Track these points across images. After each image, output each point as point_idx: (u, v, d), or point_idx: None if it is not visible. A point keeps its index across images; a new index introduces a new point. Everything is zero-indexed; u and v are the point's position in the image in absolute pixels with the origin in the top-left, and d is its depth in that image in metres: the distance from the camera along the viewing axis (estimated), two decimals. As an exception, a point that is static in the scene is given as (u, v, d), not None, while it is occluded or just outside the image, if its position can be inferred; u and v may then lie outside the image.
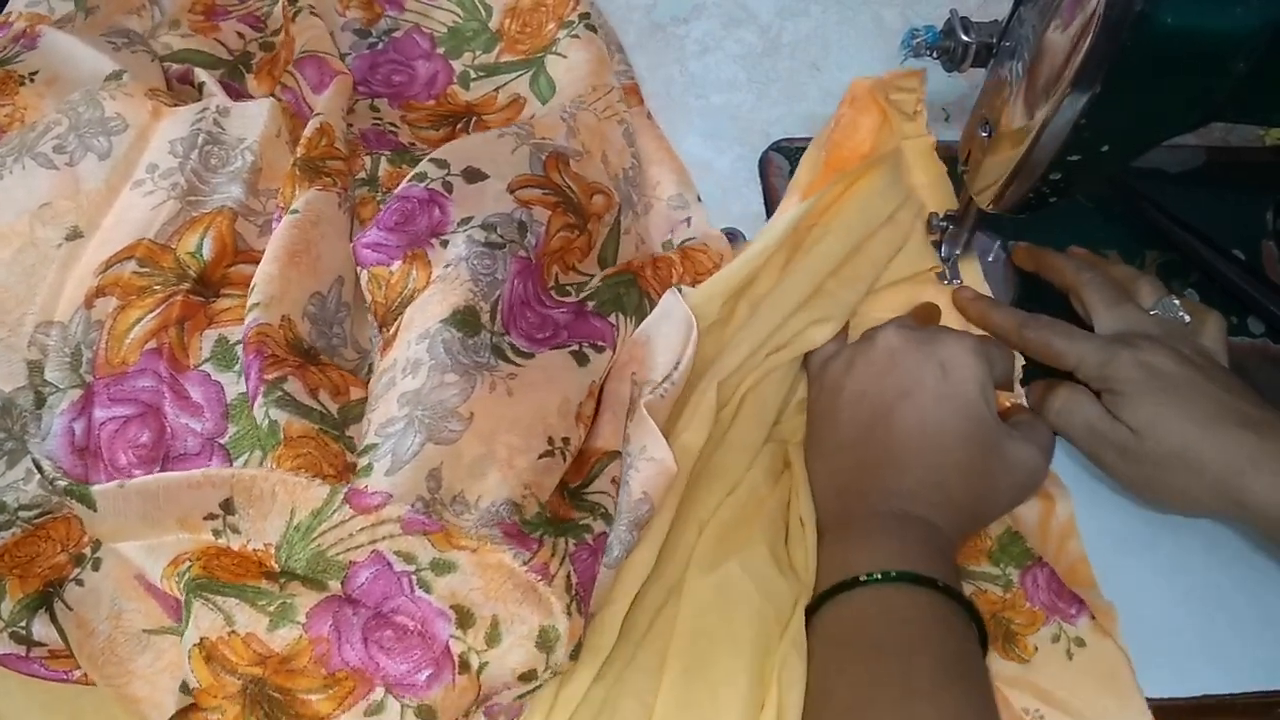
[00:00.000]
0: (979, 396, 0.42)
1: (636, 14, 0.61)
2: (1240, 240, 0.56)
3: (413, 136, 0.53)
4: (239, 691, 0.34)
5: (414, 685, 0.34)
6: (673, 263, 0.50)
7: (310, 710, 0.34)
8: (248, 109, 0.47)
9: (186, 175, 0.44)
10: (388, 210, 0.43)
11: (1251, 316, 0.54)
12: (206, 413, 0.40)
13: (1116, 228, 0.56)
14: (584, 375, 0.42)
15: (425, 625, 0.35)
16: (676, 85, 0.59)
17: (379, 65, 0.56)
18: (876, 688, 0.35)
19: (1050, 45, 0.37)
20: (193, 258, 0.43)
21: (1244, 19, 0.34)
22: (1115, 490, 0.47)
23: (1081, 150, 0.39)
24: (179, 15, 0.53)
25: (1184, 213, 0.55)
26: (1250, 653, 0.45)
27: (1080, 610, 0.43)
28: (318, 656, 0.34)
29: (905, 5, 0.63)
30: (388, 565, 0.36)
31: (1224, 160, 0.59)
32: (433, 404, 0.38)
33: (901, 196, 0.52)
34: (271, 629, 0.35)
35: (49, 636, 0.37)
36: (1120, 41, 0.34)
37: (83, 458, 0.39)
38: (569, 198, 0.47)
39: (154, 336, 0.41)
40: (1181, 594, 0.46)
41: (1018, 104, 0.40)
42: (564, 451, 0.40)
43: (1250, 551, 0.47)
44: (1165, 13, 0.34)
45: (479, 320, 0.41)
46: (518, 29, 0.56)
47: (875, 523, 0.41)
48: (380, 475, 0.36)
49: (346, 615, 0.35)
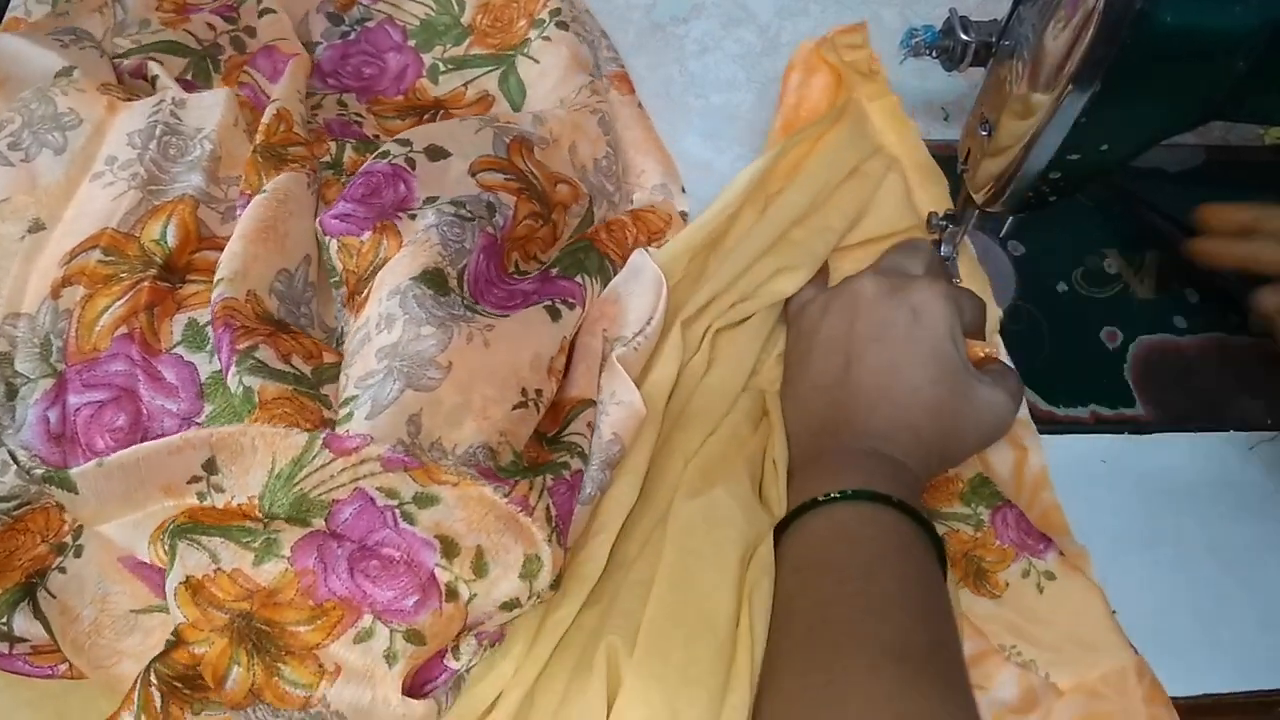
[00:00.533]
0: (948, 340, 0.43)
1: (636, 14, 0.61)
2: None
3: (378, 128, 0.53)
4: (226, 625, 0.34)
5: (402, 611, 0.35)
6: (625, 224, 0.50)
7: (299, 641, 0.34)
8: (203, 99, 0.47)
9: (146, 165, 0.44)
10: (353, 184, 0.44)
11: (1251, 316, 0.54)
12: (181, 393, 0.40)
13: (1116, 228, 0.56)
14: (556, 330, 0.43)
15: (410, 554, 0.36)
16: (676, 85, 0.59)
17: (350, 56, 0.56)
18: (836, 607, 0.36)
19: (1050, 44, 0.37)
20: (157, 245, 0.43)
21: (1243, 17, 0.34)
22: (1115, 490, 0.47)
23: (1081, 149, 0.39)
24: (147, 14, 0.53)
25: (1184, 212, 0.55)
26: (1250, 653, 0.45)
27: (1048, 547, 0.44)
28: (304, 588, 0.34)
29: (904, 5, 0.63)
30: (370, 501, 0.36)
31: (1224, 160, 0.59)
32: (411, 354, 0.38)
33: (867, 149, 0.53)
34: (257, 564, 0.35)
35: (31, 632, 0.37)
36: (1120, 40, 0.34)
37: (60, 444, 0.39)
38: (532, 184, 0.47)
39: (124, 323, 0.41)
40: (1181, 594, 0.46)
41: (1017, 103, 0.40)
42: (536, 403, 0.41)
43: (1251, 551, 0.47)
44: (1165, 11, 0.34)
45: (447, 283, 0.41)
46: (489, 23, 0.56)
47: (844, 458, 0.42)
48: (360, 419, 0.37)
49: (331, 548, 0.35)
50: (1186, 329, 0.53)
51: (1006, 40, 0.42)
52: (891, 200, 0.52)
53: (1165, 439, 0.50)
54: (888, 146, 0.54)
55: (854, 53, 0.55)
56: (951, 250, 0.52)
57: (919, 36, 0.47)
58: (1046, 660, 0.42)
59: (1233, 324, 0.54)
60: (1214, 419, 0.51)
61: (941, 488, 0.46)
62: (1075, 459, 0.48)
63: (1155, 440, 0.50)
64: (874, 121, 0.55)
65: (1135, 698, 0.41)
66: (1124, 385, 0.51)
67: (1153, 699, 0.41)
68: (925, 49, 0.46)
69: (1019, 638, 0.42)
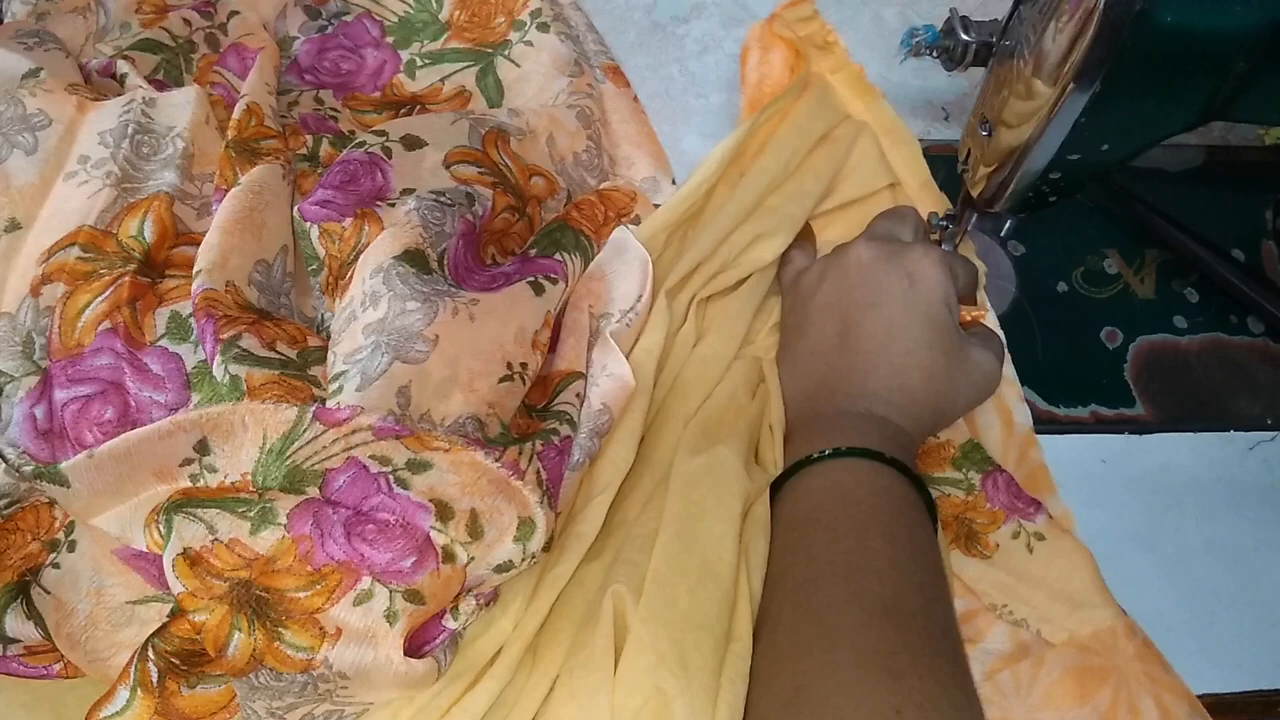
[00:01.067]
0: (943, 305, 0.44)
1: (637, 13, 0.61)
2: (1240, 240, 0.56)
3: (354, 122, 0.54)
4: (226, 593, 0.34)
5: (400, 572, 0.35)
6: (593, 202, 0.51)
7: (299, 606, 0.34)
8: (173, 98, 0.47)
9: (119, 164, 0.45)
10: (330, 172, 0.44)
11: (1251, 316, 0.54)
12: (168, 384, 0.41)
13: (1116, 228, 0.56)
14: (540, 304, 0.43)
15: (405, 517, 0.36)
16: (676, 84, 0.59)
17: (327, 50, 0.56)
18: (829, 564, 0.37)
19: (1050, 44, 0.37)
20: (135, 241, 0.43)
21: (1243, 18, 0.34)
22: (1115, 490, 0.47)
23: (1081, 149, 0.39)
24: (128, 17, 0.53)
25: (1184, 212, 0.55)
26: (1250, 653, 0.45)
27: (1038, 510, 0.45)
28: (302, 554, 0.35)
29: (905, 5, 0.63)
30: (363, 468, 0.36)
31: (1224, 160, 0.59)
32: (397, 329, 0.39)
33: (835, 116, 0.54)
34: (254, 533, 0.35)
35: (24, 632, 0.37)
36: (1120, 40, 0.34)
37: (48, 441, 0.39)
38: (506, 177, 0.48)
39: (107, 318, 0.41)
40: (1181, 594, 0.46)
41: (1018, 103, 0.40)
42: (522, 376, 0.41)
43: (1250, 551, 0.47)
44: (1165, 11, 0.34)
45: (428, 263, 0.42)
46: (466, 18, 0.56)
47: (838, 420, 0.43)
48: (350, 392, 0.37)
49: (327, 514, 0.35)
50: (1186, 329, 0.53)
51: (1007, 40, 0.42)
52: (867, 162, 0.53)
53: (1165, 439, 0.50)
54: (856, 114, 0.55)
55: (806, 26, 0.56)
56: (952, 250, 0.52)
57: (919, 36, 0.47)
58: (1037, 618, 0.43)
59: (1233, 324, 0.54)
60: (1214, 419, 0.51)
61: (934, 453, 0.47)
62: (1075, 459, 0.48)
63: (1155, 440, 0.50)
64: (839, 92, 0.55)
65: (1127, 654, 0.41)
66: (1124, 385, 0.51)
67: (1145, 657, 0.41)
68: (926, 49, 0.47)
69: (1010, 597, 0.43)
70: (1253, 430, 0.51)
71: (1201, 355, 0.53)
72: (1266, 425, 0.51)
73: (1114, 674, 0.41)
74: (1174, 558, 0.47)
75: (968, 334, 0.46)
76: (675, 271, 0.48)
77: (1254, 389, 0.52)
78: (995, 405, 0.49)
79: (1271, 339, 0.53)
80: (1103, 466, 0.49)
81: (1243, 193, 0.58)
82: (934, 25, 0.46)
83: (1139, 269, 0.55)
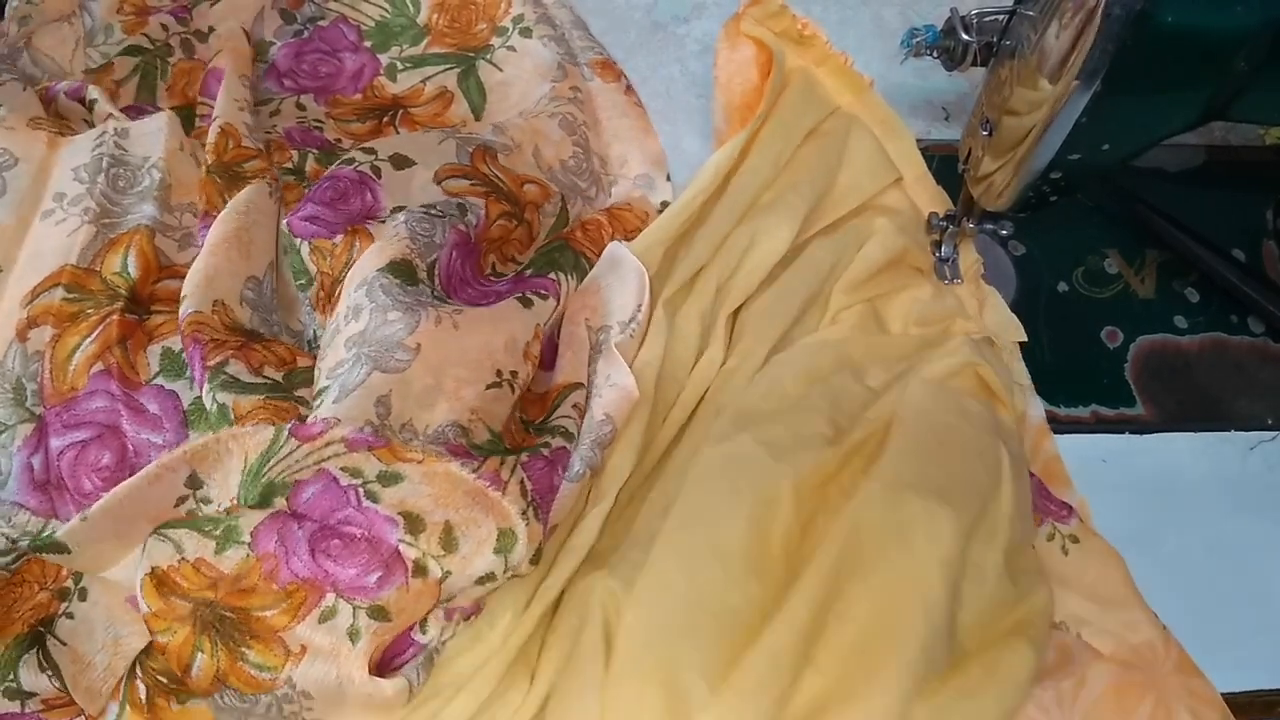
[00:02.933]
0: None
1: (637, 13, 0.61)
2: (1240, 239, 0.56)
3: (338, 131, 0.53)
4: (189, 614, 0.34)
5: (364, 588, 0.35)
6: (601, 224, 0.51)
7: (265, 625, 0.34)
8: (145, 126, 0.47)
9: (97, 199, 0.44)
10: (319, 187, 0.44)
11: (1251, 316, 0.54)
12: (165, 423, 0.40)
13: (1116, 228, 0.56)
14: (530, 316, 0.43)
15: (372, 531, 0.36)
16: (677, 84, 0.59)
17: (305, 53, 0.55)
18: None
19: (1051, 44, 0.37)
20: (120, 277, 0.43)
21: (1244, 18, 0.34)
22: (1115, 490, 0.47)
23: (1082, 149, 0.39)
24: (111, 19, 0.53)
25: (1184, 212, 0.55)
26: (1250, 653, 0.45)
27: (1071, 514, 0.45)
28: (267, 573, 0.34)
29: (905, 5, 0.63)
30: (334, 480, 0.36)
31: (1224, 160, 0.59)
32: (378, 340, 0.39)
33: (823, 108, 0.53)
34: (219, 551, 0.35)
35: (39, 685, 0.37)
36: (1121, 40, 0.34)
37: (45, 492, 0.39)
38: (498, 187, 0.48)
39: (98, 359, 0.40)
40: (1182, 594, 0.46)
41: (1018, 103, 0.40)
42: (511, 384, 0.41)
43: (1251, 551, 0.47)
44: (1166, 11, 0.34)
45: (415, 274, 0.42)
46: (446, 23, 0.56)
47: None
48: (328, 404, 0.37)
49: (291, 529, 0.35)
50: (1187, 329, 0.53)
51: (1007, 40, 0.42)
52: (863, 155, 0.53)
53: (1165, 439, 0.50)
54: (845, 106, 0.55)
55: (778, 21, 0.55)
56: (952, 250, 0.52)
57: (920, 36, 0.47)
58: (1076, 620, 0.43)
59: (1233, 324, 0.54)
60: (1214, 419, 0.51)
61: None
62: (1075, 459, 0.48)
63: (1155, 440, 0.50)
64: (827, 84, 0.55)
65: (1165, 668, 0.42)
66: (1124, 385, 0.51)
67: (1183, 668, 0.42)
68: (926, 49, 0.46)
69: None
70: (1253, 430, 0.51)
71: (1202, 355, 0.53)
72: (1267, 425, 0.51)
73: (1153, 689, 0.41)
74: (1174, 558, 0.47)
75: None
76: (673, 280, 0.47)
77: (1254, 389, 0.52)
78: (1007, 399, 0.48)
79: (1272, 339, 0.53)
80: (1103, 466, 0.49)
81: (1243, 193, 0.58)
82: (934, 25, 0.46)
83: (1139, 269, 0.55)
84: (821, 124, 0.53)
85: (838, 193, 0.52)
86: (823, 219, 0.51)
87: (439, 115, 0.54)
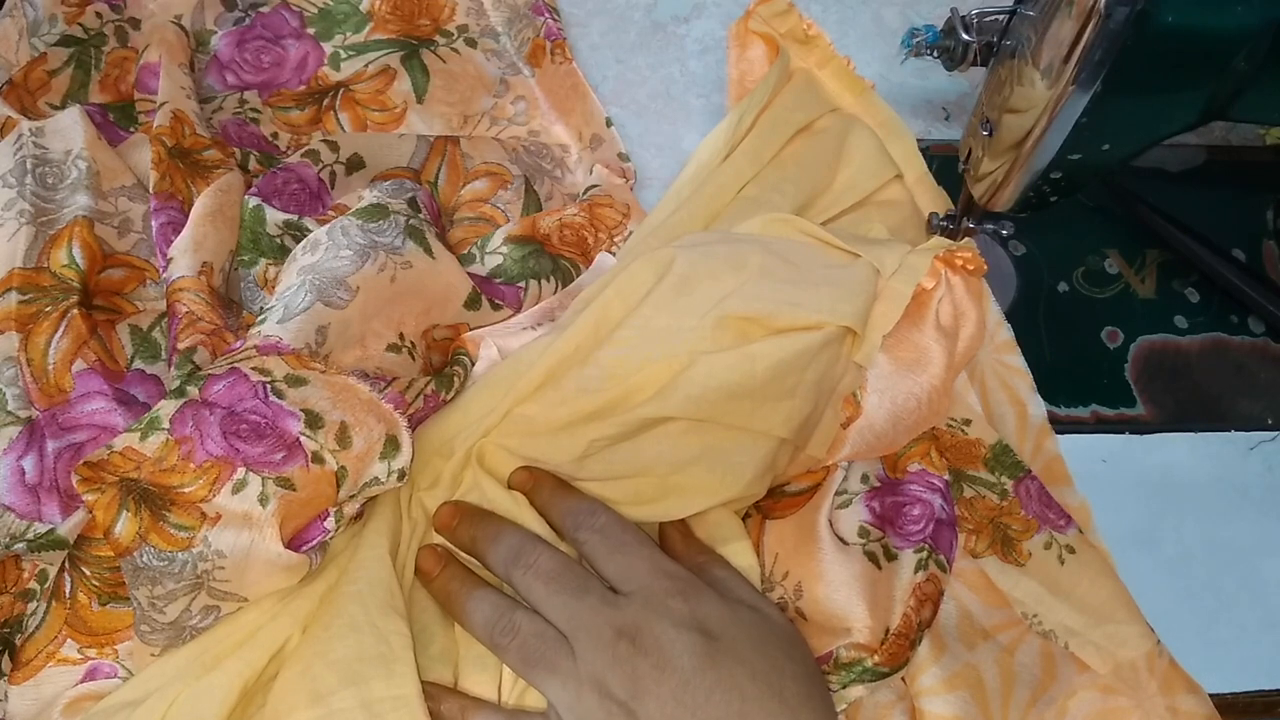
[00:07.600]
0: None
1: (637, 13, 0.61)
2: (1240, 240, 0.56)
3: (274, 121, 0.54)
4: (115, 482, 0.36)
5: (270, 463, 0.37)
6: (581, 225, 0.51)
7: (184, 498, 0.36)
8: (59, 123, 0.47)
9: (29, 200, 0.44)
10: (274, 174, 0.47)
11: (1252, 317, 0.54)
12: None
13: (1116, 228, 0.56)
14: (468, 315, 0.46)
15: (276, 421, 0.38)
16: (677, 84, 0.59)
17: (247, 42, 0.55)
18: None
19: (1051, 43, 0.37)
20: (69, 269, 0.43)
21: (1244, 17, 0.34)
22: (1115, 490, 0.47)
23: (1082, 149, 0.39)
24: (54, 9, 0.53)
25: (1184, 212, 0.55)
26: (1250, 653, 0.45)
27: (1069, 522, 0.45)
28: (184, 454, 0.36)
29: (905, 5, 0.63)
30: (243, 376, 0.38)
31: (1224, 160, 0.59)
32: (324, 269, 0.41)
33: (819, 108, 0.53)
34: (143, 439, 0.37)
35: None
36: (1121, 40, 0.34)
37: (35, 495, 0.39)
38: (434, 187, 0.51)
39: (75, 355, 0.41)
40: (1181, 594, 0.46)
41: (1018, 103, 0.40)
42: (411, 353, 0.43)
43: (1251, 552, 0.47)
44: (1166, 11, 0.34)
45: (387, 210, 0.43)
46: (388, 10, 0.57)
47: None
48: (272, 323, 0.39)
49: (204, 415, 0.37)
50: (1187, 329, 0.53)
51: (1008, 40, 0.42)
52: (862, 152, 0.52)
53: (1165, 439, 0.50)
54: (845, 108, 0.55)
55: (784, 21, 0.56)
56: (952, 250, 0.52)
57: (920, 36, 0.47)
58: (1064, 630, 0.43)
59: (1233, 324, 0.54)
60: (1214, 419, 0.51)
61: (965, 449, 0.46)
62: (1075, 459, 0.48)
63: (1156, 440, 0.50)
64: (828, 86, 0.55)
65: (1150, 690, 0.41)
66: (1124, 385, 0.51)
67: (1168, 687, 0.41)
68: (926, 49, 0.47)
69: (1040, 607, 0.43)
70: (1253, 430, 0.51)
71: (1202, 355, 0.53)
72: (1267, 425, 0.51)
73: (1135, 713, 0.41)
74: (1174, 558, 0.47)
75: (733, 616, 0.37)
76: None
77: (1254, 389, 0.52)
78: (1008, 397, 0.48)
79: (1272, 339, 0.53)
80: (1103, 466, 0.49)
81: (1243, 193, 0.58)
82: (934, 25, 0.46)
83: (1139, 269, 0.55)
84: (815, 121, 0.53)
85: (836, 190, 0.52)
86: (818, 216, 0.51)
87: (381, 93, 0.55)
